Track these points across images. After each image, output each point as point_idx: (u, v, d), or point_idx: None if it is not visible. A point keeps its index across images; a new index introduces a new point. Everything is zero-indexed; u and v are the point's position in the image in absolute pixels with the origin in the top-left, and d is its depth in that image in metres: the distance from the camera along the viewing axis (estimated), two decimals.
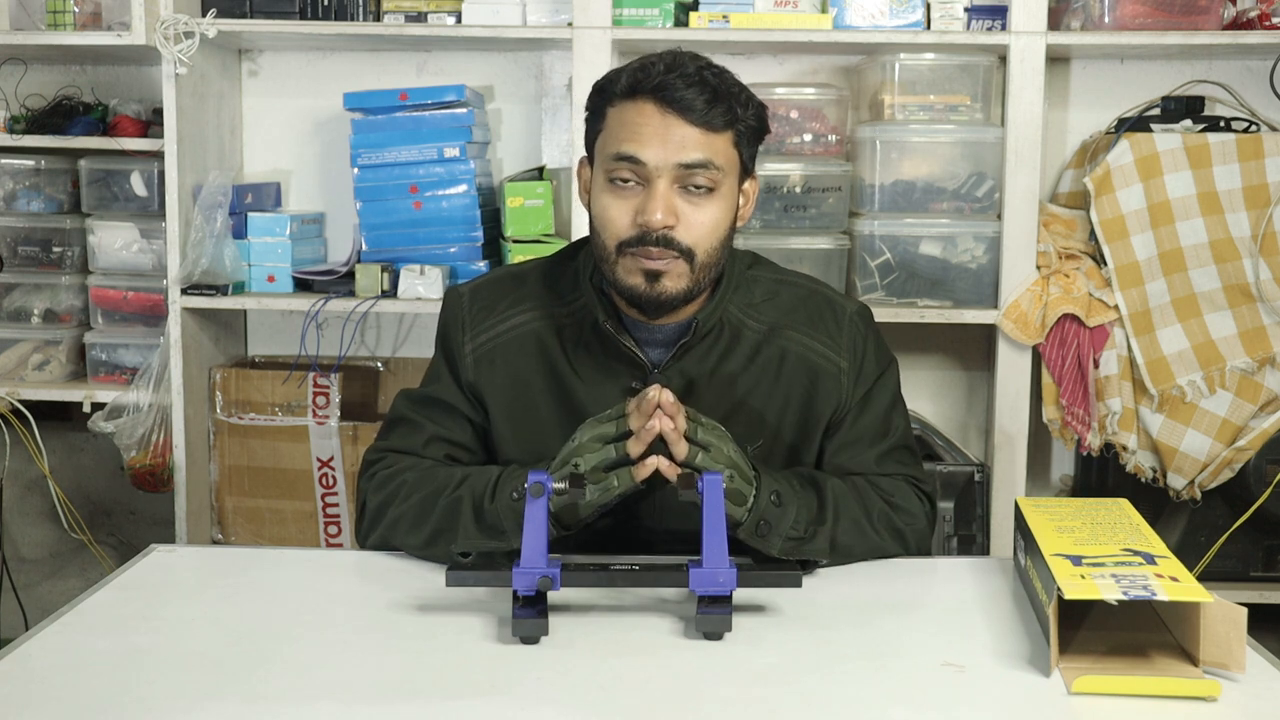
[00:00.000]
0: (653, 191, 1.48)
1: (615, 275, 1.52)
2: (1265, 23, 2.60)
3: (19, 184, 2.90)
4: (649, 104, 1.49)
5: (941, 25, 2.62)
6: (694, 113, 1.48)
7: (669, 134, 1.48)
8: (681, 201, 1.50)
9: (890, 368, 1.69)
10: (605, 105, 1.54)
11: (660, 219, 1.48)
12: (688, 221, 1.50)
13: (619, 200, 1.51)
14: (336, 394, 2.77)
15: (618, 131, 1.51)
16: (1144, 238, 2.63)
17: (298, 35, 2.75)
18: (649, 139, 1.48)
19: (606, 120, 1.53)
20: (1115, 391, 2.62)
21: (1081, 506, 1.48)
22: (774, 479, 1.49)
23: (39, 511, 3.16)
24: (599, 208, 1.53)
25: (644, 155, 1.48)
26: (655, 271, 1.50)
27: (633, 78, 1.50)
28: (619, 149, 1.49)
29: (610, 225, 1.51)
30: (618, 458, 1.43)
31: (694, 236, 1.50)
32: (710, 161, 1.49)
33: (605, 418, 1.46)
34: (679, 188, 1.50)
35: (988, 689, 1.21)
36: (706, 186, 1.50)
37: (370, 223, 2.75)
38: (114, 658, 1.25)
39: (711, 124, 1.49)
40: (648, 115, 1.49)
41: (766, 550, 1.46)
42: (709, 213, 1.51)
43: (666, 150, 1.48)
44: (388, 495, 1.59)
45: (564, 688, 1.19)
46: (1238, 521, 2.62)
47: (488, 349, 1.63)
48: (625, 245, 1.50)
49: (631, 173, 1.49)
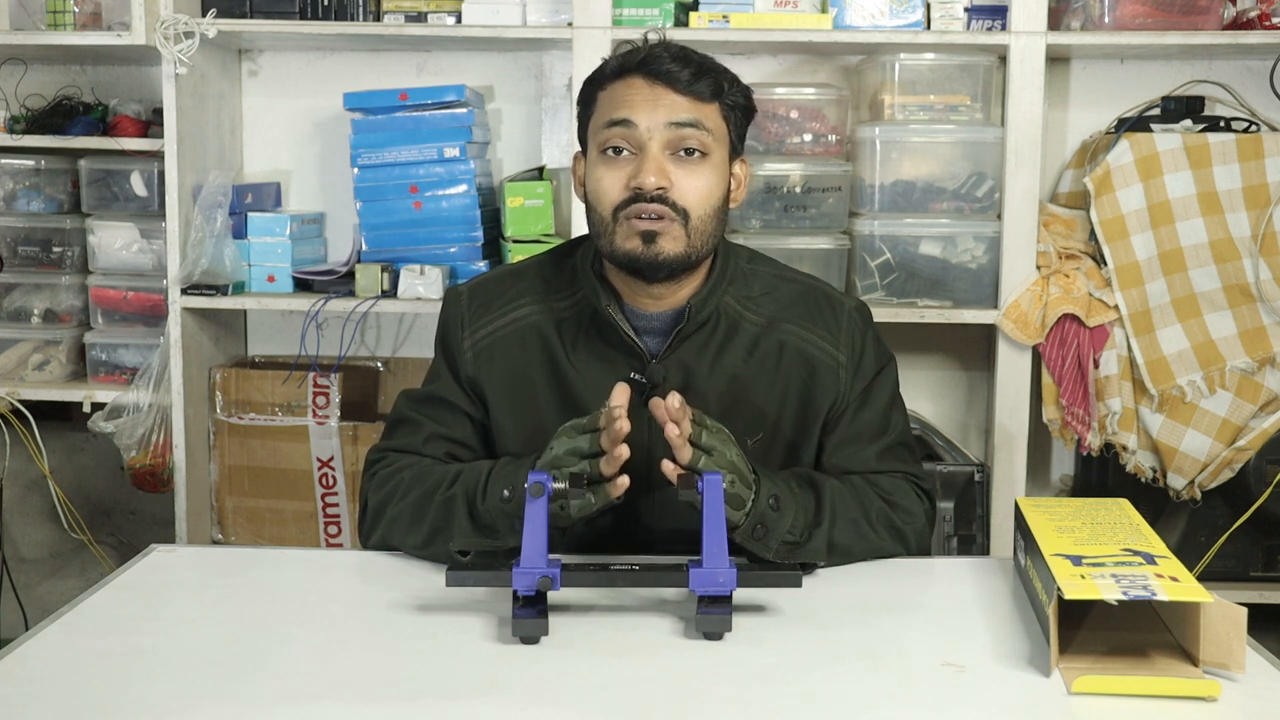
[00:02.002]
0: (645, 155, 1.51)
1: (613, 244, 1.54)
2: (1265, 23, 2.60)
3: (19, 184, 2.90)
4: (637, 79, 1.54)
5: (941, 25, 2.62)
6: (681, 83, 1.52)
7: (658, 100, 1.52)
8: (674, 166, 1.52)
9: (889, 365, 1.69)
10: (595, 91, 1.58)
11: (654, 180, 1.50)
12: (681, 185, 1.52)
13: (612, 170, 1.53)
14: (336, 394, 2.78)
15: (608, 106, 1.55)
16: (1144, 238, 2.63)
17: (298, 35, 2.75)
18: (639, 104, 1.52)
19: (597, 103, 1.57)
20: (1115, 391, 2.62)
21: (1081, 506, 1.48)
22: (773, 482, 1.49)
23: (39, 511, 3.16)
24: (593, 181, 1.55)
25: (635, 118, 1.51)
26: (651, 231, 1.51)
27: (621, 58, 1.56)
28: (609, 116, 1.53)
29: (604, 195, 1.54)
30: (592, 473, 1.42)
31: (688, 199, 1.52)
32: (699, 121, 1.52)
33: (580, 428, 1.45)
34: (670, 154, 1.52)
35: (988, 689, 1.21)
36: (699, 150, 1.53)
37: (370, 223, 2.75)
38: (114, 658, 1.25)
39: (699, 93, 1.53)
40: (637, 88, 1.53)
41: (762, 554, 1.47)
42: (702, 178, 1.53)
43: (656, 112, 1.51)
44: (386, 494, 1.60)
45: (564, 688, 1.19)
46: (1238, 521, 2.62)
47: (487, 343, 1.64)
48: (619, 209, 1.52)
49: (624, 139, 1.52)
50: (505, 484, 1.48)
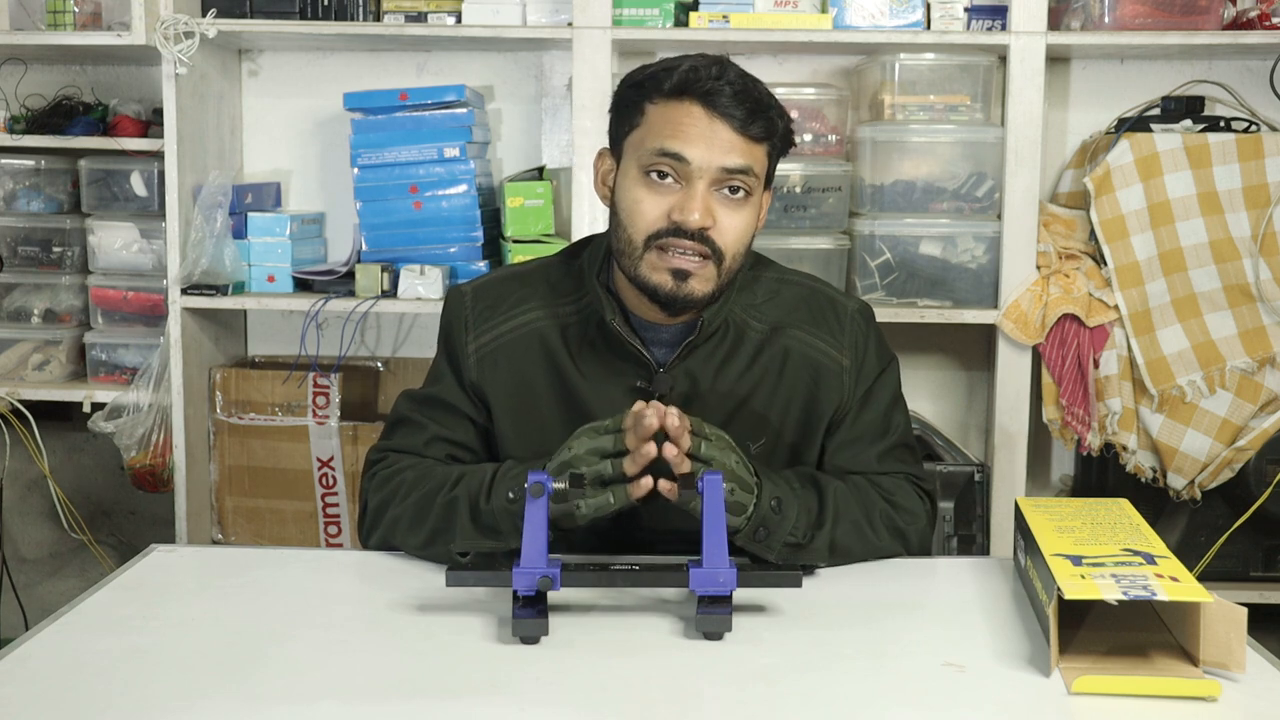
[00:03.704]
0: (692, 191, 1.49)
1: (638, 270, 1.52)
2: (1265, 23, 2.60)
3: (19, 184, 2.90)
4: (696, 106, 1.49)
5: (941, 25, 2.62)
6: (737, 121, 1.49)
7: (715, 137, 1.49)
8: (716, 205, 1.50)
9: (891, 366, 1.69)
10: (644, 100, 1.53)
11: (698, 219, 1.48)
12: (721, 225, 1.50)
13: (653, 195, 1.50)
14: (336, 394, 2.77)
15: (661, 128, 1.50)
16: (1144, 238, 2.63)
17: (298, 35, 2.75)
18: (695, 139, 1.48)
19: (646, 116, 1.53)
20: (1115, 391, 2.62)
21: (1081, 506, 1.48)
22: (775, 483, 1.49)
23: (39, 511, 3.16)
24: (629, 200, 1.52)
25: (689, 154, 1.48)
26: (684, 271, 1.50)
27: (682, 78, 1.50)
28: (663, 145, 1.49)
29: (641, 218, 1.51)
30: (614, 474, 1.41)
31: (726, 240, 1.51)
32: (750, 168, 1.50)
33: (603, 428, 1.44)
34: (715, 191, 1.50)
35: (988, 689, 1.21)
36: (744, 191, 1.51)
37: (370, 223, 2.75)
38: (114, 658, 1.25)
39: (752, 134, 1.50)
40: (695, 117, 1.49)
41: (765, 556, 1.47)
42: (742, 218, 1.52)
43: (711, 153, 1.48)
44: (386, 495, 1.59)
45: (564, 688, 1.19)
46: (1238, 521, 2.62)
47: (491, 348, 1.63)
48: (654, 238, 1.50)
49: (671, 169, 1.49)
50: (511, 486, 1.47)
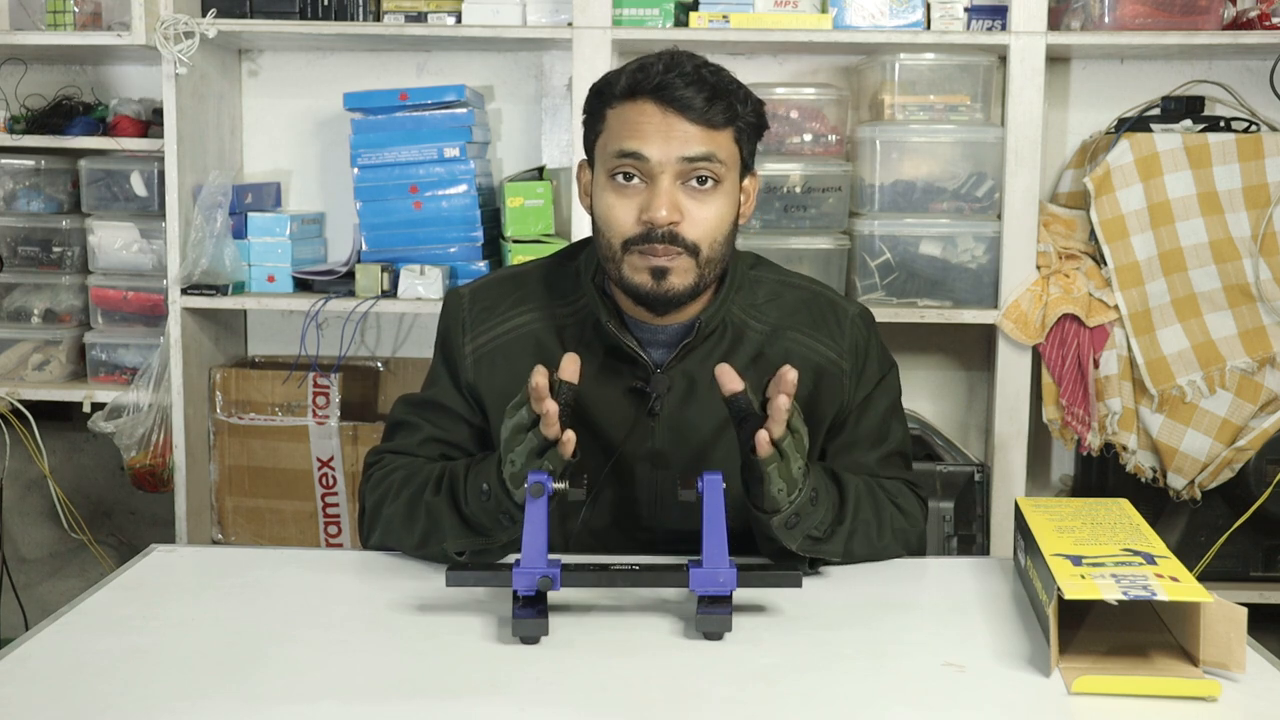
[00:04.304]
0: (656, 188, 1.48)
1: (621, 274, 1.52)
2: (1265, 23, 2.60)
3: (19, 184, 2.90)
4: (649, 104, 1.49)
5: (941, 25, 2.62)
6: (694, 110, 1.48)
7: (671, 130, 1.48)
8: (685, 197, 1.50)
9: (891, 371, 1.69)
10: (604, 107, 1.54)
11: (665, 215, 1.47)
12: (692, 217, 1.50)
13: (622, 199, 1.51)
14: (336, 394, 2.78)
15: (619, 130, 1.51)
16: (1144, 238, 2.63)
17: (298, 35, 2.75)
18: (651, 135, 1.48)
19: (606, 121, 1.53)
20: (1115, 391, 2.62)
21: (1081, 506, 1.48)
22: (816, 475, 1.48)
23: (39, 511, 3.16)
24: (602, 207, 1.53)
25: (647, 151, 1.48)
26: (662, 268, 1.50)
27: (631, 79, 1.50)
28: (621, 146, 1.49)
29: (615, 224, 1.51)
30: (539, 443, 1.40)
31: (699, 232, 1.50)
32: (713, 154, 1.49)
33: (513, 407, 1.43)
34: (682, 184, 1.50)
35: (988, 689, 1.21)
36: (712, 179, 1.50)
37: (370, 223, 2.75)
38: (114, 658, 1.25)
39: (712, 121, 1.49)
40: (649, 114, 1.49)
41: (787, 543, 1.46)
42: (713, 208, 1.51)
43: (669, 146, 1.48)
44: (380, 496, 1.60)
45: (564, 688, 1.19)
46: (1238, 521, 2.62)
47: (488, 350, 1.63)
48: (630, 243, 1.50)
49: (635, 169, 1.49)
50: (481, 480, 1.47)
